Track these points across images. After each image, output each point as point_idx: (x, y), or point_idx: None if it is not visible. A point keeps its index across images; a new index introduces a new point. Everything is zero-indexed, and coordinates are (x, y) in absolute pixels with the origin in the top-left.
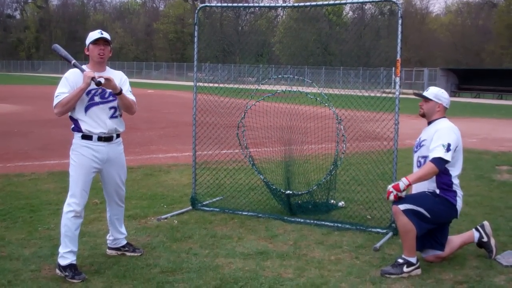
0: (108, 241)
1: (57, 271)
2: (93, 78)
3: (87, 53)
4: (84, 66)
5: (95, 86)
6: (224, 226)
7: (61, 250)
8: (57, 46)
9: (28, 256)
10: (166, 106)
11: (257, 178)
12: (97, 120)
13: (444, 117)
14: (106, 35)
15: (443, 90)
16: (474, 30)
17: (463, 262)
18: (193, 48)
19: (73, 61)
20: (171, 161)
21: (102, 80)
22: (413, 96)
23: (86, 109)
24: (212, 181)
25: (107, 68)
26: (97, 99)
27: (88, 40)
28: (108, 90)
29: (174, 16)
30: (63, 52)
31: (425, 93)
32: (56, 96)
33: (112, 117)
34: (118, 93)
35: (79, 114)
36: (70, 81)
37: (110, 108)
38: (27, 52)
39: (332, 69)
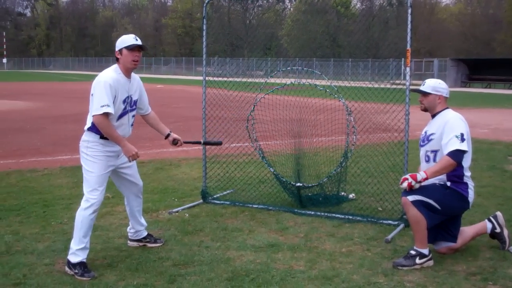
0: (129, 234)
1: (66, 268)
2: (131, 156)
3: (118, 56)
4: (112, 69)
5: (127, 94)
6: (235, 219)
7: (74, 246)
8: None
9: (42, 250)
10: (176, 101)
11: (267, 171)
12: (123, 127)
13: (447, 107)
14: (140, 41)
15: (440, 81)
16: (484, 19)
17: (476, 253)
18: (201, 43)
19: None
20: (182, 155)
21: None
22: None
23: (120, 116)
24: (223, 175)
25: (132, 73)
26: (128, 106)
27: (121, 44)
28: (134, 99)
29: (182, 11)
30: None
31: (422, 88)
32: (102, 106)
33: (132, 124)
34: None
35: (111, 120)
36: (113, 88)
37: (133, 116)
38: (38, 49)
39: (341, 61)
